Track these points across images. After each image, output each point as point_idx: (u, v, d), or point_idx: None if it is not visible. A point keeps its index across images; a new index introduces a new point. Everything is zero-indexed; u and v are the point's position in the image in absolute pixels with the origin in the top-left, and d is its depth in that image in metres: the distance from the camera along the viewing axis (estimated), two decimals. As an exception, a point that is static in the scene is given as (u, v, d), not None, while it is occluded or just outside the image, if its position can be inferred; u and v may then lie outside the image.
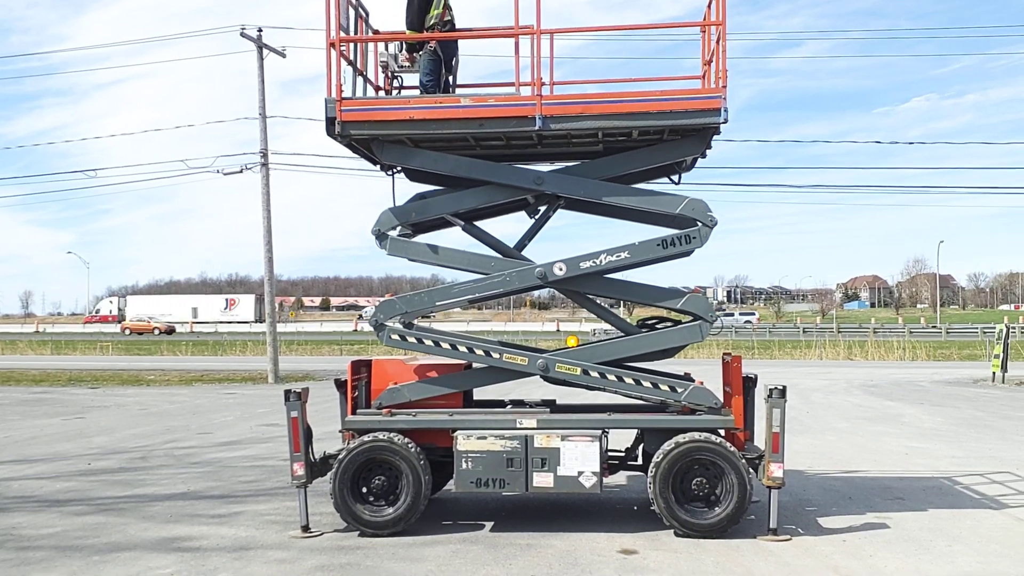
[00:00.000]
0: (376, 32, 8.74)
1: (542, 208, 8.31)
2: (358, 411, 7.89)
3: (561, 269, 7.70)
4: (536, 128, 7.42)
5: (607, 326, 9.27)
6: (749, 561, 6.61)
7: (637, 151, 7.92)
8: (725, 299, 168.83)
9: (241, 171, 26.25)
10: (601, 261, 7.66)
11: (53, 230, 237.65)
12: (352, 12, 8.18)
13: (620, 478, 9.38)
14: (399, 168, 8.29)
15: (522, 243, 8.32)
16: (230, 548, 7.09)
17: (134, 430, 14.72)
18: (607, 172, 7.86)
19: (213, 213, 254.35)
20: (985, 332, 50.28)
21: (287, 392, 7.51)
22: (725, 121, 7.32)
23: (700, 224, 7.57)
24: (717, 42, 7.51)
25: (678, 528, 7.25)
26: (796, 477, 9.66)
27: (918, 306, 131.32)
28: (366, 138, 7.78)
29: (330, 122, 7.63)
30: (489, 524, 7.81)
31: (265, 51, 25.47)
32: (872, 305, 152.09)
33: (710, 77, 7.92)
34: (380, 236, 7.85)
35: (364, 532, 7.42)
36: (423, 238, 8.35)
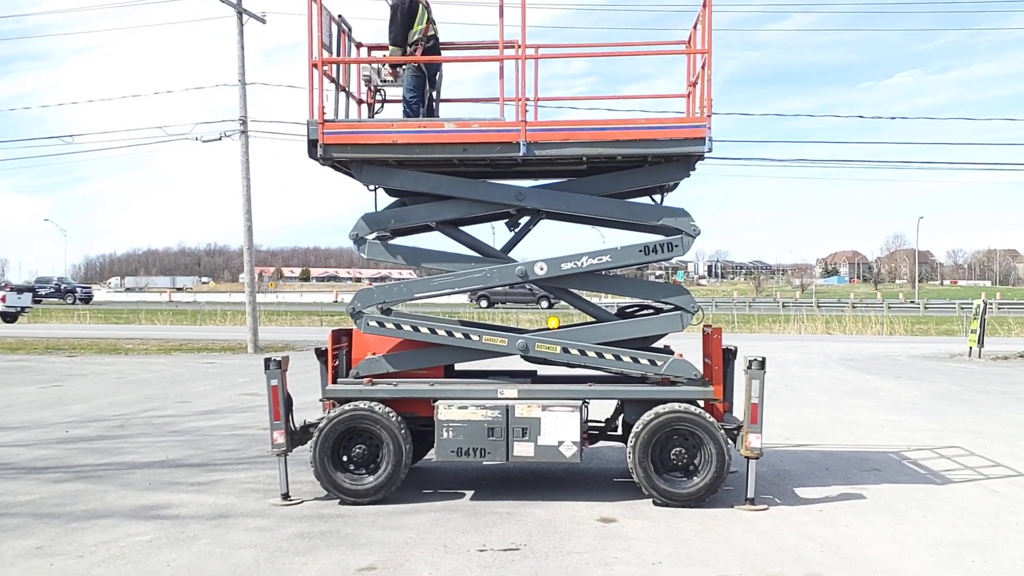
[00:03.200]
0: (359, 45, 8.67)
1: (523, 220, 8.22)
2: (339, 380, 7.87)
3: (542, 269, 7.70)
4: (520, 155, 7.39)
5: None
6: (726, 530, 6.68)
7: (621, 173, 7.88)
8: (706, 273, 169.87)
9: (220, 138, 25.87)
10: (582, 263, 7.66)
11: (29, 197, 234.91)
12: (335, 27, 8.05)
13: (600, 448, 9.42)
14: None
15: (504, 251, 8.26)
16: (209, 516, 7.07)
17: (112, 398, 14.63)
18: (589, 192, 7.85)
19: (192, 181, 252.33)
20: (963, 308, 50.82)
21: (267, 360, 7.47)
22: (709, 150, 7.33)
23: (683, 233, 7.62)
24: (703, 68, 7.46)
25: (657, 497, 7.31)
26: (774, 448, 9.75)
27: (897, 281, 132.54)
28: (347, 159, 7.72)
29: (312, 144, 7.53)
30: (469, 493, 7.84)
31: (245, 17, 25.08)
32: (851, 280, 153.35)
33: (695, 99, 7.88)
34: (358, 240, 7.81)
35: (344, 500, 7.42)
36: (403, 240, 8.30)
